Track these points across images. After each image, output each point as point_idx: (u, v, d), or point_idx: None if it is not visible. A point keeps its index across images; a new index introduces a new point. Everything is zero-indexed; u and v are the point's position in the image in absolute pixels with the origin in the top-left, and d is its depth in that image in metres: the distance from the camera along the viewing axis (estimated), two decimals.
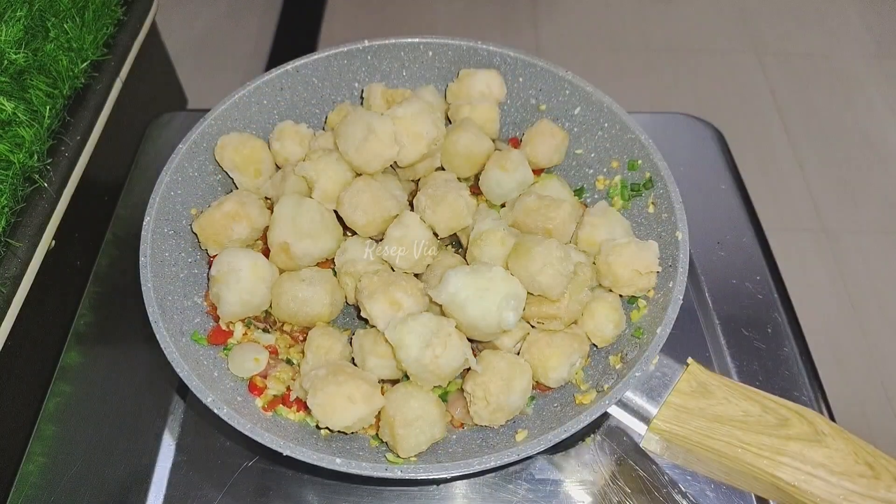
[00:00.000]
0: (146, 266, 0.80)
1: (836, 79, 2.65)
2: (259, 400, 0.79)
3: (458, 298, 0.75)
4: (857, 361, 1.94)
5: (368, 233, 0.87)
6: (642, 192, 0.90)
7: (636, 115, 0.95)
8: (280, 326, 0.87)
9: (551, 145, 0.96)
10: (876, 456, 0.66)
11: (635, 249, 0.81)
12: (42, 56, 1.04)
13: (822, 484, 0.65)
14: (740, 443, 0.68)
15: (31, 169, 0.95)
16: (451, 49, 1.02)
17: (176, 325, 0.79)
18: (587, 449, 0.85)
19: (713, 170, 1.15)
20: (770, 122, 2.52)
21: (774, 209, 2.25)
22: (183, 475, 0.83)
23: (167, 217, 0.86)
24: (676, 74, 2.67)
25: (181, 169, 0.90)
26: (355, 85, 1.04)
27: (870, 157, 2.40)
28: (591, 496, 0.81)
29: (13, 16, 1.04)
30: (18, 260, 0.89)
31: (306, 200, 0.86)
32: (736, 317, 0.98)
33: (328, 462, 0.68)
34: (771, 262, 1.04)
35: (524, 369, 0.77)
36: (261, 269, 0.83)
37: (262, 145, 0.95)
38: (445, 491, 0.82)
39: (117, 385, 0.92)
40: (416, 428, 0.73)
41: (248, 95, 0.96)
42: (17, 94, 0.98)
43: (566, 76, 0.97)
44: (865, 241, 2.19)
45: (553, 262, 0.76)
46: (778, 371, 0.92)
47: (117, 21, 1.22)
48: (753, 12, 2.89)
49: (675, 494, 0.81)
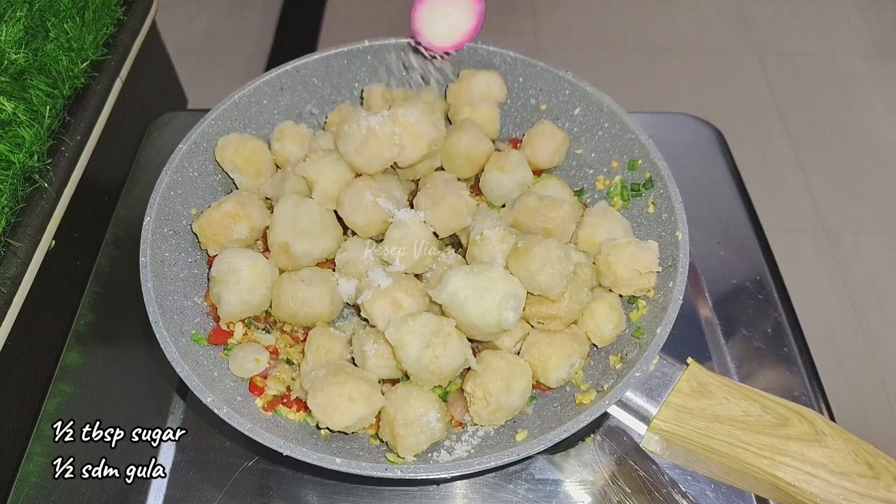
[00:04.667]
0: (146, 266, 0.80)
1: (836, 79, 2.65)
2: (259, 400, 0.79)
3: (457, 298, 0.75)
4: (857, 361, 1.94)
5: (368, 233, 0.87)
6: (642, 192, 0.90)
7: (636, 115, 0.95)
8: (280, 326, 0.87)
9: (551, 147, 0.96)
10: (876, 456, 0.66)
11: (635, 249, 0.81)
12: (42, 56, 1.04)
13: (821, 484, 0.65)
14: (740, 443, 0.68)
15: (32, 169, 0.95)
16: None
17: (176, 325, 0.79)
18: (587, 449, 0.85)
19: (713, 170, 1.15)
20: (770, 122, 2.52)
21: (774, 209, 2.25)
22: (183, 475, 0.83)
23: (167, 217, 0.87)
24: (676, 74, 2.67)
25: (181, 169, 0.90)
26: (355, 85, 1.04)
27: (870, 157, 2.40)
28: (591, 496, 0.81)
29: (13, 16, 1.04)
30: (18, 260, 0.89)
31: (306, 200, 0.86)
32: (736, 317, 0.97)
33: (328, 462, 0.68)
34: (771, 262, 1.03)
35: (524, 369, 0.77)
36: (261, 269, 0.83)
37: (262, 146, 0.95)
38: (445, 491, 0.82)
39: (117, 385, 0.92)
40: (417, 428, 0.73)
41: (248, 95, 0.96)
42: (17, 94, 0.98)
43: (566, 76, 0.97)
44: (865, 241, 2.19)
45: (552, 262, 0.77)
46: (778, 371, 0.92)
47: (117, 21, 1.22)
48: (753, 12, 2.89)
49: (675, 494, 0.81)
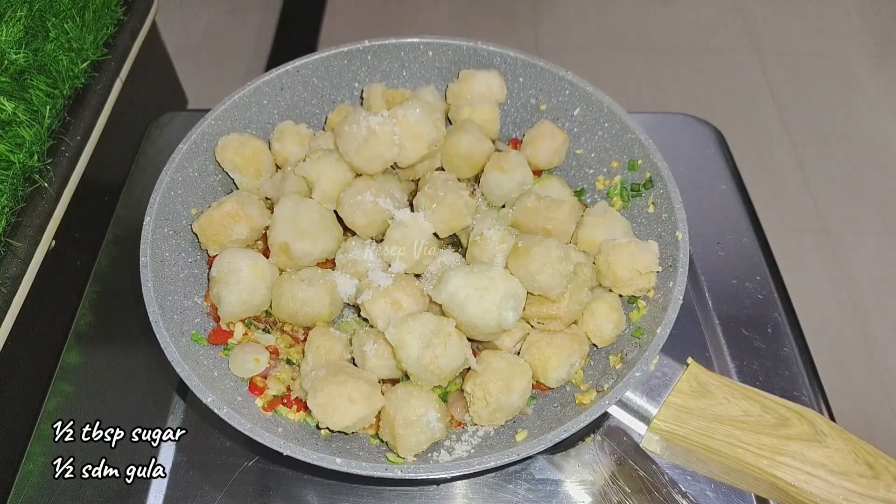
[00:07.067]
0: (146, 266, 0.80)
1: (836, 79, 2.65)
2: (259, 400, 0.79)
3: (457, 298, 0.75)
4: (857, 361, 1.94)
5: (368, 233, 0.87)
6: (642, 193, 0.90)
7: (636, 115, 0.95)
8: (280, 326, 0.87)
9: (551, 147, 0.96)
10: (876, 456, 0.66)
11: (635, 249, 0.81)
12: (42, 56, 1.04)
13: (821, 484, 0.65)
14: (740, 443, 0.68)
15: (32, 169, 0.95)
16: (451, 49, 1.02)
17: (176, 325, 0.79)
18: (587, 449, 0.85)
19: (713, 170, 1.15)
20: (770, 122, 2.52)
21: (774, 209, 2.25)
22: (183, 475, 0.83)
23: (167, 217, 0.87)
24: (676, 74, 2.67)
25: (181, 169, 0.90)
26: (355, 85, 1.04)
27: (870, 157, 2.40)
28: (591, 496, 0.81)
29: (13, 16, 1.04)
30: (18, 260, 0.89)
31: (306, 201, 0.86)
32: (736, 317, 0.97)
33: (328, 462, 0.68)
34: (771, 262, 1.03)
35: (524, 369, 0.77)
36: (261, 269, 0.83)
37: (262, 146, 0.95)
38: (445, 491, 0.82)
39: (117, 385, 0.92)
40: (417, 428, 0.73)
41: (248, 95, 0.96)
42: (17, 94, 0.98)
43: (566, 76, 0.97)
44: (865, 241, 2.19)
45: (552, 262, 0.77)
46: (778, 371, 0.92)
47: (117, 21, 1.22)
48: (753, 12, 2.89)
49: (675, 494, 0.81)
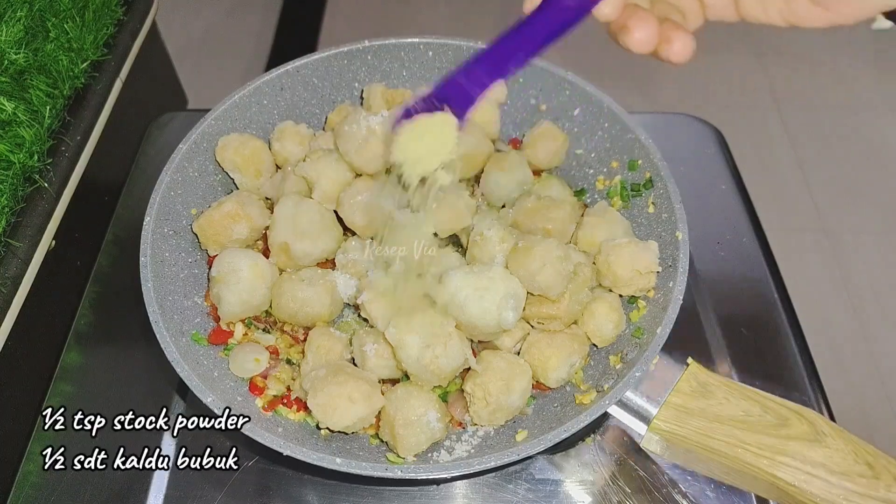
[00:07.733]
0: (146, 266, 0.80)
1: (836, 79, 2.65)
2: (259, 400, 0.79)
3: (457, 298, 0.75)
4: (857, 361, 1.94)
5: (368, 233, 0.87)
6: (642, 193, 0.90)
7: (636, 116, 0.95)
8: (280, 326, 0.87)
9: (551, 148, 0.96)
10: (876, 456, 0.66)
11: (635, 249, 0.81)
12: (42, 56, 1.04)
13: (821, 484, 0.65)
14: (740, 443, 0.68)
15: (32, 169, 0.95)
16: (451, 49, 1.02)
17: (176, 325, 0.79)
18: (587, 449, 0.85)
19: (713, 170, 1.15)
20: (770, 122, 2.51)
21: (774, 209, 2.25)
22: (183, 475, 0.83)
23: (167, 217, 0.86)
24: (676, 74, 2.66)
25: (181, 169, 0.90)
26: (355, 85, 1.04)
27: (870, 157, 2.40)
28: (591, 496, 0.81)
29: (13, 16, 1.04)
30: (18, 260, 0.89)
31: (306, 201, 0.86)
32: (736, 317, 0.97)
33: (328, 462, 0.68)
34: (771, 262, 1.03)
35: (524, 369, 0.77)
36: (261, 269, 0.82)
37: (262, 146, 0.95)
38: (445, 491, 0.82)
39: (117, 385, 0.92)
40: (417, 428, 0.73)
41: (248, 95, 0.96)
42: (17, 94, 0.98)
43: (566, 76, 0.97)
44: (865, 241, 2.19)
45: (552, 262, 0.77)
46: (778, 371, 0.92)
47: (117, 21, 1.22)
48: None
49: (675, 494, 0.81)
